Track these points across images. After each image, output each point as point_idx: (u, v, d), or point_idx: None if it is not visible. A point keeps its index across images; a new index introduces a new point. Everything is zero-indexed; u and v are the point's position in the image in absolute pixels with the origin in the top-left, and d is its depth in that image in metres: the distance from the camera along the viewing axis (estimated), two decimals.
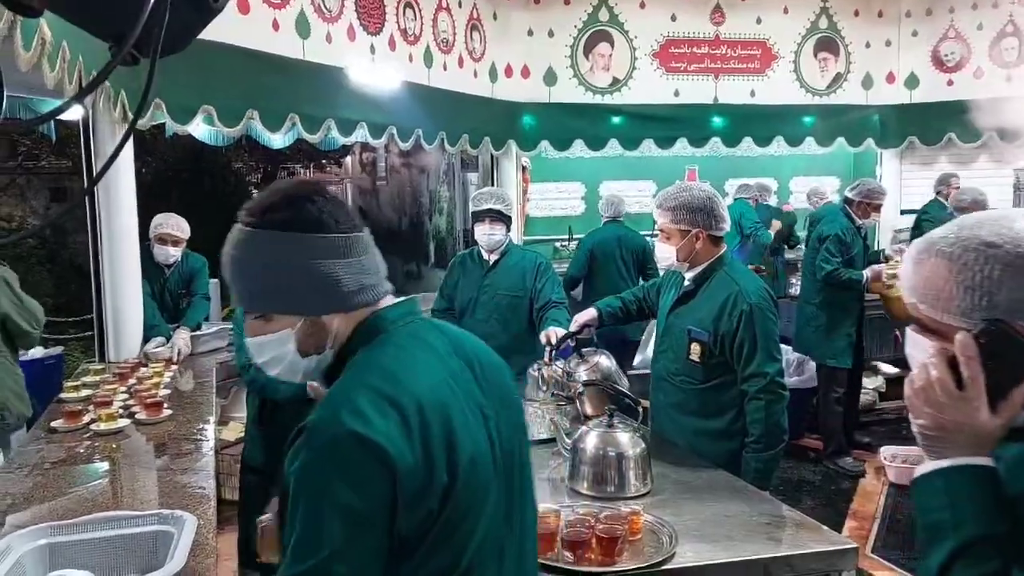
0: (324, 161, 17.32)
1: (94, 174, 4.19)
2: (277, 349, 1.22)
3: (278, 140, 6.81)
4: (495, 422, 1.22)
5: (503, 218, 3.56)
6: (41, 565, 1.69)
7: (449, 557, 1.11)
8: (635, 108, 6.72)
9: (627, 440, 2.27)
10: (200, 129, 6.28)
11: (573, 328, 3.06)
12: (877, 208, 5.07)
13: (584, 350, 3.04)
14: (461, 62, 6.03)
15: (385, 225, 13.45)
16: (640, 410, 2.54)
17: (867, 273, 4.94)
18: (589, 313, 3.08)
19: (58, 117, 5.49)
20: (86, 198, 4.14)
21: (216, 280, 4.88)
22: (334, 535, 1.01)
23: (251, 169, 17.05)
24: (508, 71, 6.53)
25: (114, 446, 2.83)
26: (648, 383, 2.86)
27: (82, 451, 2.76)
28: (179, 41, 0.96)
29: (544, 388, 2.92)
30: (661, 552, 1.87)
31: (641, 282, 6.36)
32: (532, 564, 1.32)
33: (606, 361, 2.97)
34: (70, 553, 1.73)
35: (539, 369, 2.95)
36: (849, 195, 5.10)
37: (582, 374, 2.91)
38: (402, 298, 1.28)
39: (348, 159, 16.10)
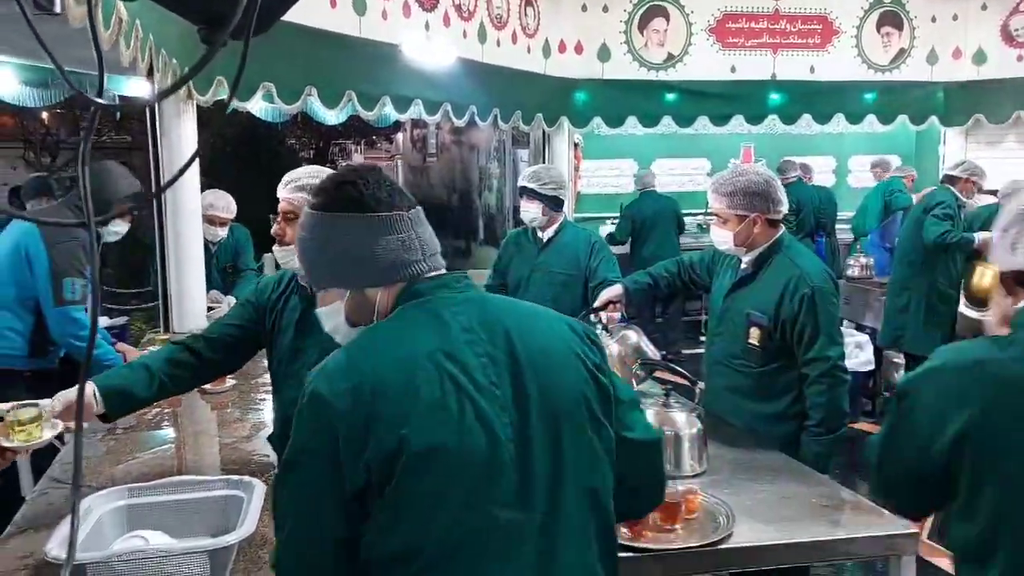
0: (375, 138, 17.43)
1: (159, 151, 4.30)
2: (334, 319, 1.33)
3: (332, 117, 6.87)
4: (520, 396, 1.19)
5: (537, 196, 3.55)
6: (119, 525, 1.76)
7: (408, 536, 1.12)
8: (690, 84, 6.62)
9: (683, 419, 2.28)
10: (258, 106, 6.37)
11: (597, 304, 3.03)
12: (980, 188, 4.93)
13: (611, 325, 3.01)
14: (515, 38, 6.01)
15: (435, 202, 13.51)
16: (697, 390, 2.54)
17: (979, 236, 4.73)
18: (614, 289, 3.05)
19: (125, 95, 5.63)
20: (152, 176, 4.27)
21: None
22: (287, 475, 1.19)
23: (304, 146, 17.26)
24: (562, 47, 6.48)
25: (179, 413, 2.93)
26: (700, 364, 2.85)
27: (150, 418, 2.86)
28: (266, 22, 0.98)
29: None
30: (718, 531, 1.87)
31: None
32: (577, 546, 1.22)
33: (634, 336, 2.95)
34: (145, 514, 1.80)
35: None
36: (953, 172, 4.95)
37: (611, 349, 2.90)
38: (441, 272, 1.31)
39: (399, 136, 16.17)
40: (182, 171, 1.05)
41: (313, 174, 2.12)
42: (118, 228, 3.42)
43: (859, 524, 1.98)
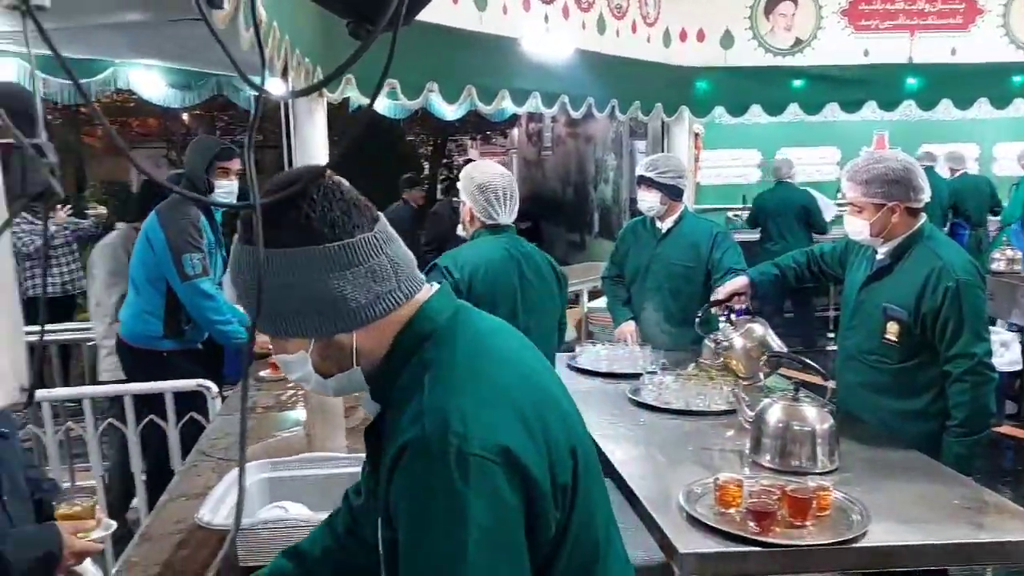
0: (490, 133, 17.66)
1: (292, 147, 4.51)
2: (302, 368, 1.08)
3: (451, 112, 7.01)
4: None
5: (655, 184, 3.50)
6: (262, 496, 1.88)
7: (590, 539, 1.08)
8: (819, 70, 6.34)
9: (814, 415, 2.20)
10: (383, 103, 6.58)
11: (720, 296, 2.97)
12: None
13: (736, 317, 2.94)
14: (634, 28, 5.95)
15: (549, 195, 13.56)
16: (829, 387, 2.45)
17: None
18: (739, 280, 2.97)
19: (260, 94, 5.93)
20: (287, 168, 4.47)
21: None
22: (477, 560, 0.92)
23: (422, 142, 17.69)
24: (683, 35, 6.35)
25: (311, 396, 3.08)
26: (829, 361, 2.74)
27: (285, 399, 3.02)
28: (408, 18, 1.02)
29: (720, 359, 2.87)
30: (852, 529, 1.81)
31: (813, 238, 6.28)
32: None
33: (759, 328, 2.87)
34: (285, 487, 1.90)
35: (716, 339, 2.90)
36: None
37: (735, 342, 2.83)
38: (428, 285, 1.11)
39: (515, 130, 16.31)
40: (328, 165, 1.10)
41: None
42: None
43: (1006, 528, 1.86)
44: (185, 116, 14.37)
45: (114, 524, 1.90)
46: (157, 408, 3.20)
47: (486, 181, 2.69)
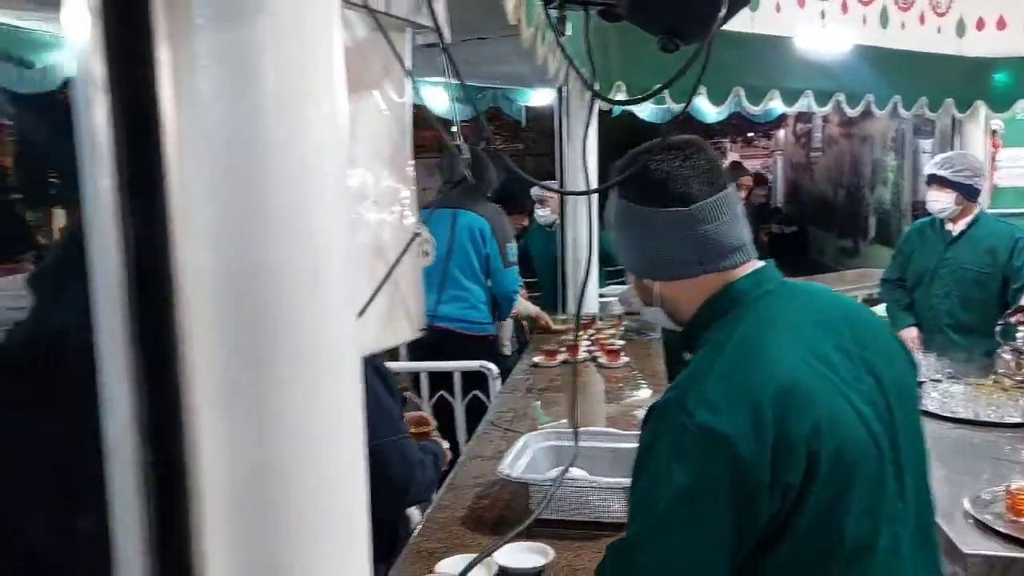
0: (751, 135, 17.12)
1: (563, 154, 4.83)
2: (636, 290, 1.32)
3: (714, 114, 6.98)
4: (879, 385, 1.15)
5: (949, 183, 3.27)
6: (547, 459, 2.11)
7: (824, 540, 1.08)
8: None
9: None
10: (646, 107, 6.73)
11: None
12: None
13: None
14: (922, 19, 5.55)
15: (818, 198, 12.89)
16: None
17: None
18: None
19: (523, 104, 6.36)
20: (558, 176, 4.81)
21: None
22: (667, 515, 1.04)
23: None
24: (979, 24, 5.80)
25: (580, 380, 3.33)
26: None
27: (557, 383, 3.29)
28: (709, 29, 1.14)
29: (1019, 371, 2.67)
30: None
31: None
32: (934, 539, 1.22)
33: None
34: (567, 454, 2.11)
35: (1018, 348, 2.70)
36: None
37: None
38: (759, 264, 1.21)
39: (780, 132, 15.69)
40: (619, 180, 1.25)
41: None
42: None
43: None
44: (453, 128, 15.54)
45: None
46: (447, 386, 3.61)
47: None
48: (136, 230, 0.55)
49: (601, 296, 4.81)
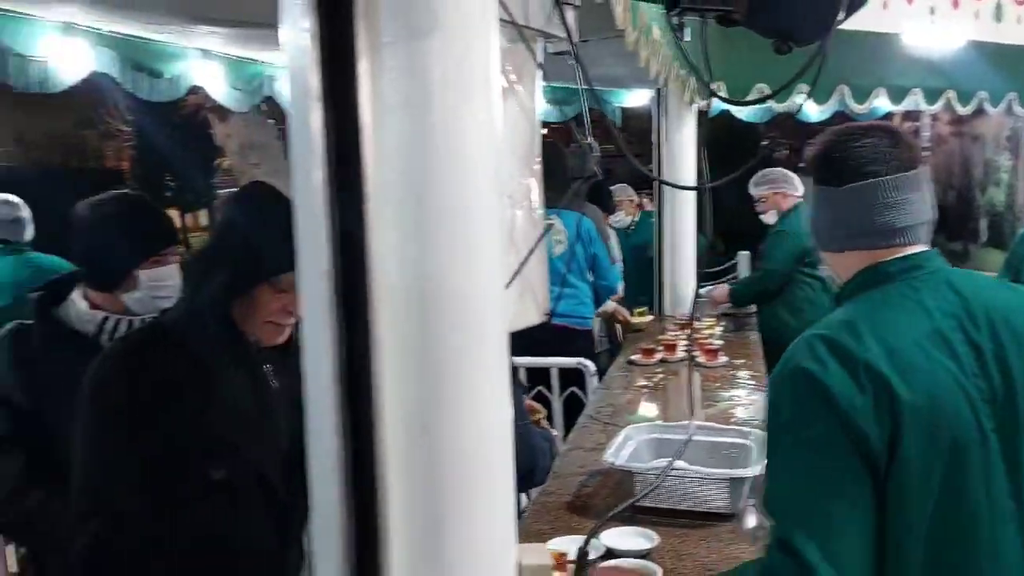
0: None
1: (660, 156, 4.85)
2: None
3: (816, 114, 6.83)
4: (1008, 386, 1.16)
5: None
6: (650, 450, 2.17)
7: (939, 508, 1.11)
8: None
9: None
10: (746, 108, 6.65)
11: None
12: None
13: None
14: None
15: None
16: None
17: None
18: None
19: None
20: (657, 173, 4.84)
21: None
22: (790, 462, 1.15)
23: (779, 145, 17.15)
24: None
25: (677, 378, 3.38)
26: None
27: (657, 380, 3.34)
28: (823, 32, 1.19)
29: None
30: None
31: None
32: None
33: None
34: (668, 447, 2.17)
35: None
36: None
37: None
38: (916, 249, 1.25)
39: None
40: (737, 176, 1.32)
41: None
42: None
43: None
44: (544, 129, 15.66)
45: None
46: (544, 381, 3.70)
47: None
48: (341, 219, 0.66)
49: (698, 297, 4.81)
